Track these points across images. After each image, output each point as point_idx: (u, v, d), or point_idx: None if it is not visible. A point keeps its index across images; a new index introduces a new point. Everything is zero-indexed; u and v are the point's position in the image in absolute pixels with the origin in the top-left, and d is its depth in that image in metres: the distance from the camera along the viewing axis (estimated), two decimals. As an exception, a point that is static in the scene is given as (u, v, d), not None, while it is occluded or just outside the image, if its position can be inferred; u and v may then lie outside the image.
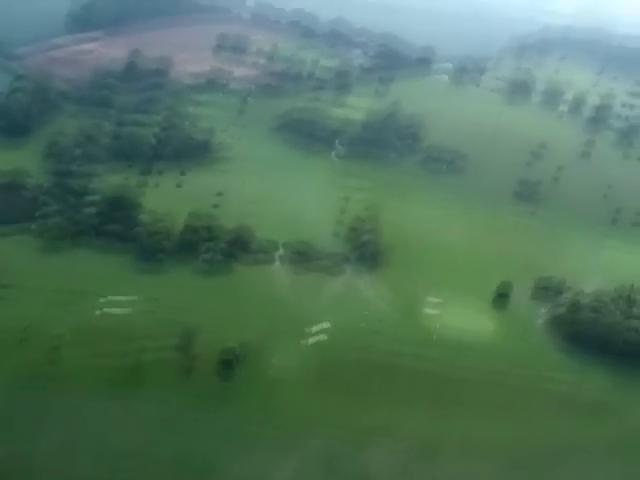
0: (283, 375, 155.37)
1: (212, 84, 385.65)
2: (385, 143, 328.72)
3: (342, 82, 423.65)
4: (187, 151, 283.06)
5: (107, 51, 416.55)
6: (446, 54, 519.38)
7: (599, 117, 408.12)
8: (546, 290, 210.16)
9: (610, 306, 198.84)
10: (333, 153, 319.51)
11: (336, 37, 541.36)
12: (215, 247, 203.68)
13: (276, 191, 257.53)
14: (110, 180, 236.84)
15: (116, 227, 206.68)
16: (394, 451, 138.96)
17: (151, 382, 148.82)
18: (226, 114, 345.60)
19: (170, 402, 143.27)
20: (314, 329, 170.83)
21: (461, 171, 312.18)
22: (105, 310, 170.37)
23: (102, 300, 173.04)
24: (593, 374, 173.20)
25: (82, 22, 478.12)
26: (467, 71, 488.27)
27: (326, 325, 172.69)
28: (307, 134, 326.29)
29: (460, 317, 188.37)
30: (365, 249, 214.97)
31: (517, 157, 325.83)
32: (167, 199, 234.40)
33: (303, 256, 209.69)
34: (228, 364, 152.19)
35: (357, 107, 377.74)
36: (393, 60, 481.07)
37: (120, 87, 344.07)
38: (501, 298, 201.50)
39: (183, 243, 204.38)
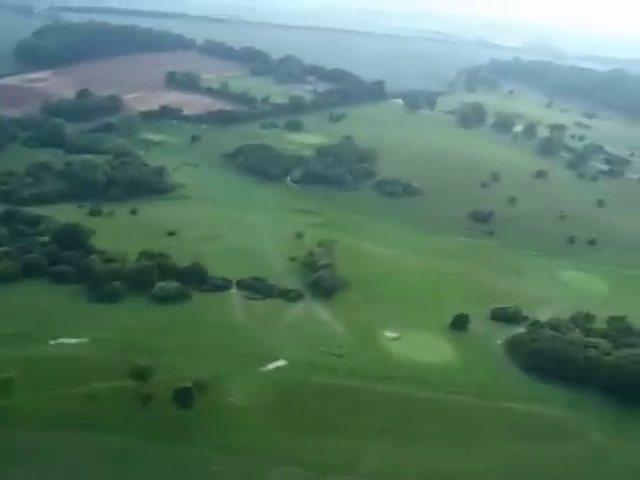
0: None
1: (164, 119, 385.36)
2: (341, 166, 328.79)
3: (296, 110, 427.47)
4: (139, 186, 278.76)
5: (56, 89, 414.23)
6: (397, 89, 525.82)
7: (550, 146, 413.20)
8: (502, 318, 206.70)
9: (569, 324, 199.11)
10: (288, 178, 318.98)
11: (287, 72, 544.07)
12: (168, 286, 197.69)
13: (231, 223, 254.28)
14: (60, 220, 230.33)
15: (66, 268, 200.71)
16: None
17: (107, 417, 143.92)
18: (178, 147, 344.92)
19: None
20: (270, 367, 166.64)
21: (418, 195, 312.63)
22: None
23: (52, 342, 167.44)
24: (554, 393, 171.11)
25: (29, 60, 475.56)
26: (417, 106, 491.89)
27: (281, 363, 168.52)
28: (262, 160, 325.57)
29: (419, 347, 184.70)
30: (320, 283, 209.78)
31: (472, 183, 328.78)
32: (118, 238, 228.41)
33: (257, 292, 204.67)
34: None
35: (312, 133, 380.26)
36: (344, 94, 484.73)
37: (69, 125, 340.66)
38: (458, 325, 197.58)
39: (134, 283, 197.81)
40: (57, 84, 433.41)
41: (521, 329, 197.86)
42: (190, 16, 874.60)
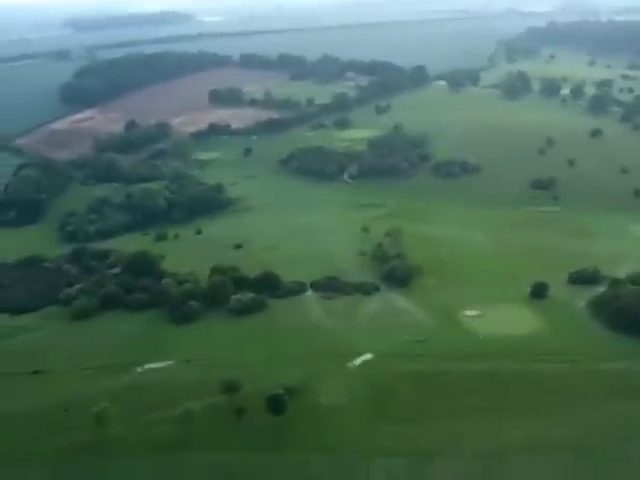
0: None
1: (213, 136, 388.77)
2: (395, 155, 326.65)
3: (341, 108, 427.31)
4: (199, 206, 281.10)
5: (104, 126, 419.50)
6: (438, 71, 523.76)
7: (600, 103, 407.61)
8: (581, 281, 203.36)
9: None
10: (345, 175, 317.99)
11: (326, 72, 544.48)
12: (243, 298, 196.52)
13: (295, 228, 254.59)
14: (128, 250, 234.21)
15: (141, 295, 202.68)
16: (463, 459, 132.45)
17: (204, 435, 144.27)
18: (232, 161, 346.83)
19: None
20: (357, 362, 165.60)
21: (476, 172, 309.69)
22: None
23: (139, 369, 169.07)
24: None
25: (74, 101, 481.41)
26: (461, 85, 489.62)
27: (367, 357, 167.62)
28: (316, 162, 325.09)
29: (502, 321, 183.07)
30: (393, 273, 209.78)
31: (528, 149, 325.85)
32: (188, 258, 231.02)
33: (333, 291, 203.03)
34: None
35: (361, 127, 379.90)
36: (387, 84, 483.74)
37: (122, 158, 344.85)
38: (538, 294, 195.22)
39: (209, 300, 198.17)
40: (104, 120, 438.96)
41: (601, 289, 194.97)
42: (222, 33, 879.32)
